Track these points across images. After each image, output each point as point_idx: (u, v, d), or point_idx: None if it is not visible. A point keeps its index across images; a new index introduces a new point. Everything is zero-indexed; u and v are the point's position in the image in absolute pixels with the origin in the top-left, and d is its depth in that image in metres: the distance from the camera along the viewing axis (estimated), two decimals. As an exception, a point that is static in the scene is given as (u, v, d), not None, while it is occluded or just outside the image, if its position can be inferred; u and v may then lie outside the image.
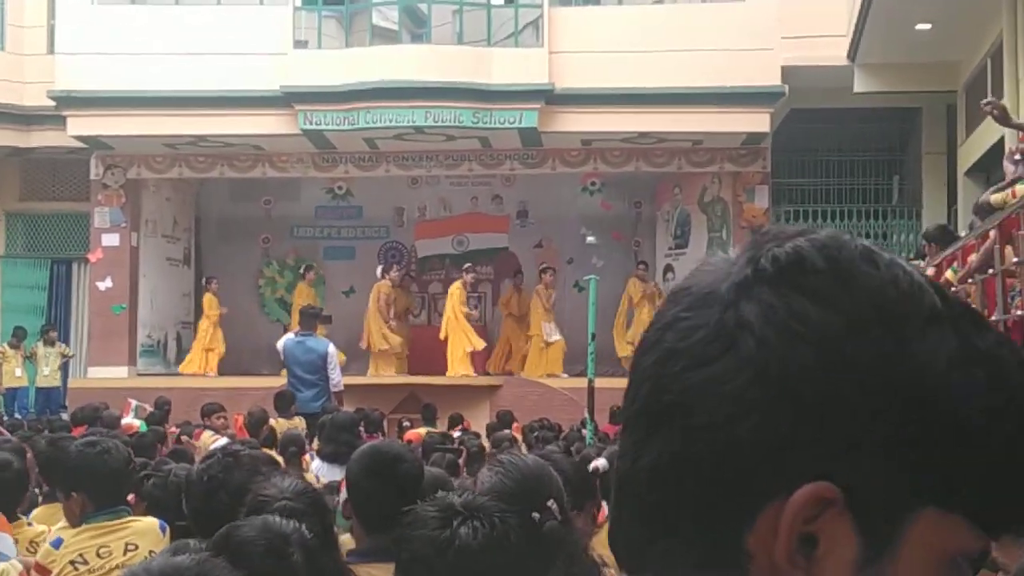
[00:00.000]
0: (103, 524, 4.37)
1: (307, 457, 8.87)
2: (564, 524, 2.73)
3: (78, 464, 4.47)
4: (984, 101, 8.17)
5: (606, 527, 3.33)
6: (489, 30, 18.19)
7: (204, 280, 20.31)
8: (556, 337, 19.19)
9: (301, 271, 20.84)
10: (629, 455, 0.84)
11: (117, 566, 4.25)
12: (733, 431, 0.78)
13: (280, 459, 8.38)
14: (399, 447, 4.07)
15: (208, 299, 19.80)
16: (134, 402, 14.27)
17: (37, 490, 6.58)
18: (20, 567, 4.15)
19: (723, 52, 17.12)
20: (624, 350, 19.10)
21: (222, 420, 12.00)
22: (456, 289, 18.78)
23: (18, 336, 19.01)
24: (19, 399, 18.63)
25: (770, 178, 19.27)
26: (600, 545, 3.16)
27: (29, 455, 6.27)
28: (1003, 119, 8.42)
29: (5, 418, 16.13)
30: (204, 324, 19.79)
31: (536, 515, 2.65)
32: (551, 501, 2.72)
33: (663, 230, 21.00)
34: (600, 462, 4.74)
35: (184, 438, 11.30)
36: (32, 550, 4.79)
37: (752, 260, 0.84)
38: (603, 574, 3.02)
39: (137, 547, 4.28)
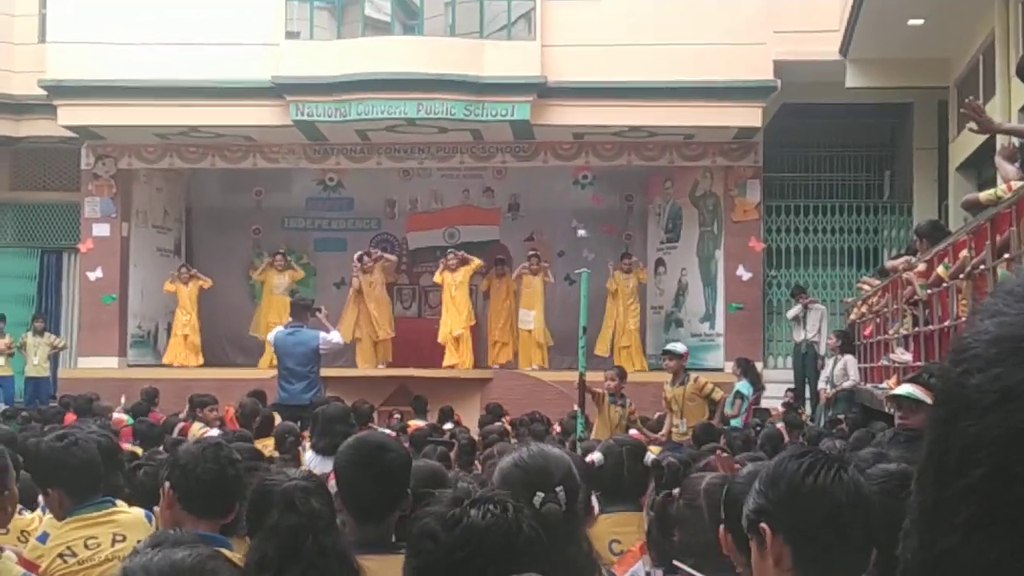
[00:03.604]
0: (88, 516, 4.35)
1: (299, 449, 8.86)
2: (567, 513, 2.75)
3: (49, 459, 4.43)
4: (968, 100, 8.12)
5: (598, 520, 3.35)
6: (481, 22, 18.17)
7: (179, 268, 20.18)
8: (530, 326, 19.15)
9: (271, 257, 20.74)
10: (954, 533, 0.70)
11: (106, 558, 4.24)
12: None
13: (273, 451, 8.40)
14: (384, 437, 4.08)
15: (179, 288, 19.76)
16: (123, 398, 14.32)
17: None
18: (15, 557, 4.13)
19: (715, 46, 17.13)
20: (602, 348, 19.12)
21: (214, 413, 11.98)
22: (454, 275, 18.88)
23: None
24: (4, 388, 18.55)
25: (762, 172, 19.28)
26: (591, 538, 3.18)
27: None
28: (983, 127, 8.37)
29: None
30: (179, 313, 19.80)
31: (540, 495, 2.69)
32: (560, 488, 2.74)
33: (654, 224, 21.01)
34: (596, 456, 4.76)
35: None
36: (23, 540, 4.78)
37: None
38: (599, 566, 3.03)
39: (125, 538, 4.26)
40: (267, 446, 8.59)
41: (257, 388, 12.92)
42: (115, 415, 12.63)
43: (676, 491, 3.36)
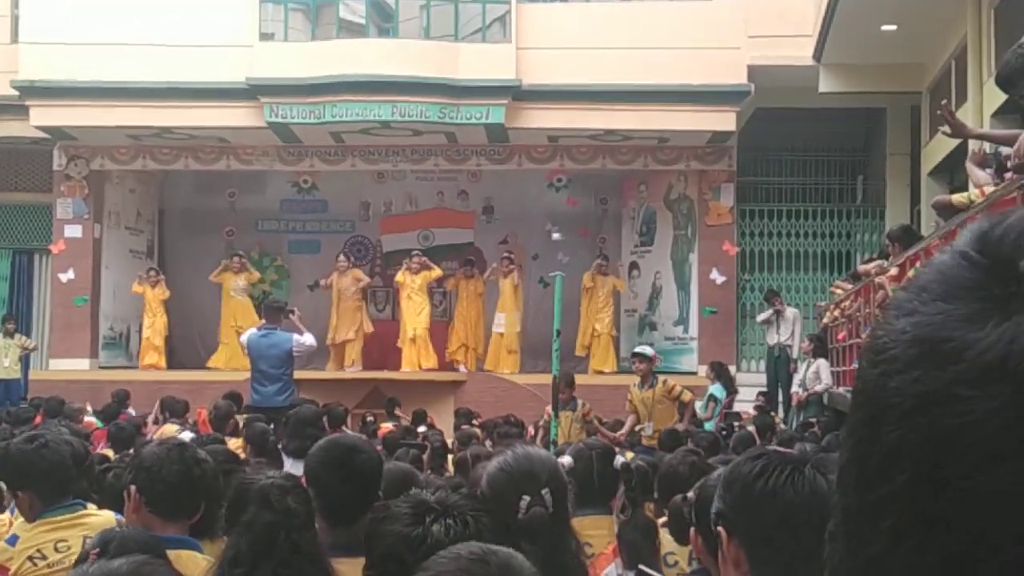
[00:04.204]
0: (59, 519, 4.31)
1: (279, 451, 8.79)
2: (555, 515, 2.75)
3: (18, 462, 4.39)
4: (943, 103, 8.17)
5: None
6: (456, 25, 18.16)
7: (148, 271, 20.09)
8: (500, 328, 19.15)
9: (229, 258, 20.66)
10: (880, 541, 0.68)
11: (76, 561, 4.21)
12: None
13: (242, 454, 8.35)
14: (355, 439, 4.07)
15: (146, 290, 19.69)
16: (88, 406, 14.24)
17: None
18: None
19: (690, 50, 17.18)
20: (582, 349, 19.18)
21: (177, 425, 11.90)
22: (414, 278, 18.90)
23: None
24: None
25: (736, 176, 19.34)
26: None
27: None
28: (956, 131, 8.42)
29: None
30: (146, 315, 19.74)
31: (526, 498, 2.69)
32: (546, 490, 2.74)
33: (629, 227, 21.05)
34: (566, 459, 4.76)
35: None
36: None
37: None
38: (586, 570, 3.04)
39: (96, 541, 4.24)
40: (237, 447, 8.54)
41: (232, 390, 12.87)
42: (85, 418, 12.57)
43: (691, 494, 3.36)
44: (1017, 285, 0.65)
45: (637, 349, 13.07)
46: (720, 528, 2.32)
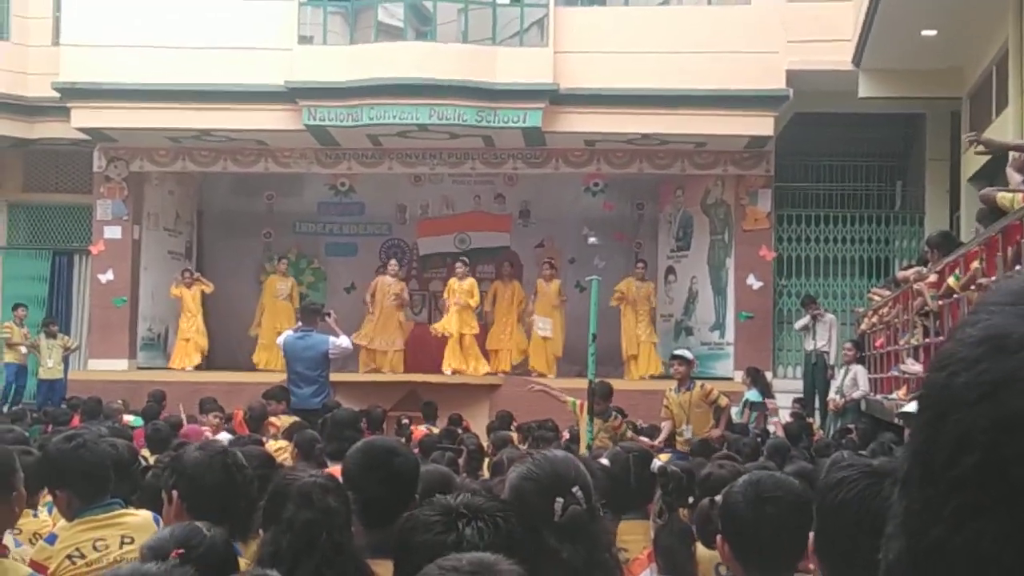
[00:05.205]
0: (97, 518, 4.34)
1: (325, 459, 8.79)
2: (589, 511, 2.76)
3: (56, 461, 4.43)
4: (967, 137, 8.15)
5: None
6: (494, 29, 18.18)
7: (183, 272, 20.22)
8: (547, 333, 19.14)
9: (275, 261, 20.90)
10: (943, 524, 0.71)
11: (115, 559, 4.23)
12: None
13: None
14: (393, 441, 4.08)
15: (183, 292, 19.82)
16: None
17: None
18: (26, 559, 4.15)
19: (728, 55, 17.13)
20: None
21: (218, 419, 11.99)
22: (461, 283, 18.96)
23: (19, 316, 19.03)
24: (18, 379, 18.66)
25: (773, 181, 19.25)
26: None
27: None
28: (992, 149, 8.40)
29: (4, 408, 16.20)
30: (184, 316, 19.90)
31: (560, 500, 2.69)
32: (576, 488, 2.75)
33: (665, 232, 20.99)
34: (603, 462, 4.76)
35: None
36: (35, 542, 4.78)
37: None
38: (621, 567, 3.05)
39: (133, 540, 4.25)
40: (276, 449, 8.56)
41: (280, 384, 12.93)
42: (124, 417, 12.67)
43: (718, 497, 3.36)
44: None
45: (677, 352, 13.03)
46: (719, 536, 2.49)
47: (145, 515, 4.47)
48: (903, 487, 0.76)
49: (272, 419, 11.28)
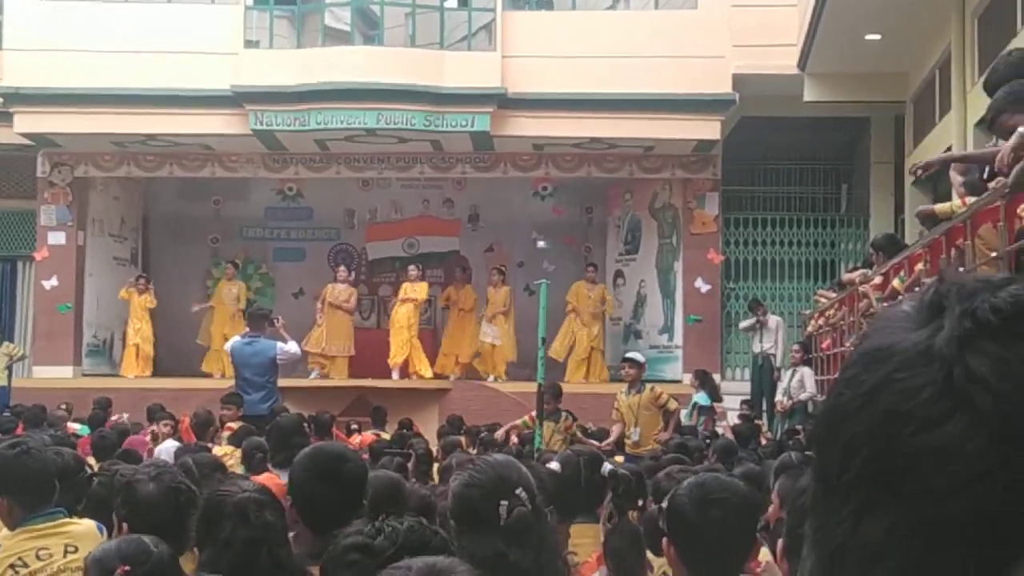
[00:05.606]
0: (39, 527, 4.28)
1: (267, 465, 8.73)
2: (534, 512, 2.76)
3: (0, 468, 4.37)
4: (911, 170, 8.30)
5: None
6: (442, 33, 18.17)
7: (137, 278, 20.02)
8: (495, 339, 19.13)
9: (222, 266, 20.79)
10: (843, 525, 0.77)
11: (58, 568, 4.19)
12: (979, 492, 0.73)
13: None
14: (341, 447, 4.05)
15: (132, 296, 19.63)
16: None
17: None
18: None
19: (675, 59, 17.20)
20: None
21: (168, 427, 11.88)
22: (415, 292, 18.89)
23: None
24: None
25: (720, 185, 19.36)
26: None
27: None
28: (936, 168, 8.58)
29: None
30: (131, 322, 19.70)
31: (504, 503, 2.69)
32: (519, 489, 2.74)
33: (614, 235, 21.05)
34: (553, 465, 4.75)
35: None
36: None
37: (967, 313, 0.77)
38: (568, 566, 3.04)
39: (77, 549, 4.20)
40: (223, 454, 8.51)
41: (234, 391, 12.77)
42: (68, 424, 12.52)
43: (664, 504, 3.37)
44: (940, 310, 0.78)
45: (629, 355, 13.09)
46: (664, 540, 2.56)
47: (88, 524, 4.42)
48: (811, 512, 0.81)
49: (230, 424, 11.19)
